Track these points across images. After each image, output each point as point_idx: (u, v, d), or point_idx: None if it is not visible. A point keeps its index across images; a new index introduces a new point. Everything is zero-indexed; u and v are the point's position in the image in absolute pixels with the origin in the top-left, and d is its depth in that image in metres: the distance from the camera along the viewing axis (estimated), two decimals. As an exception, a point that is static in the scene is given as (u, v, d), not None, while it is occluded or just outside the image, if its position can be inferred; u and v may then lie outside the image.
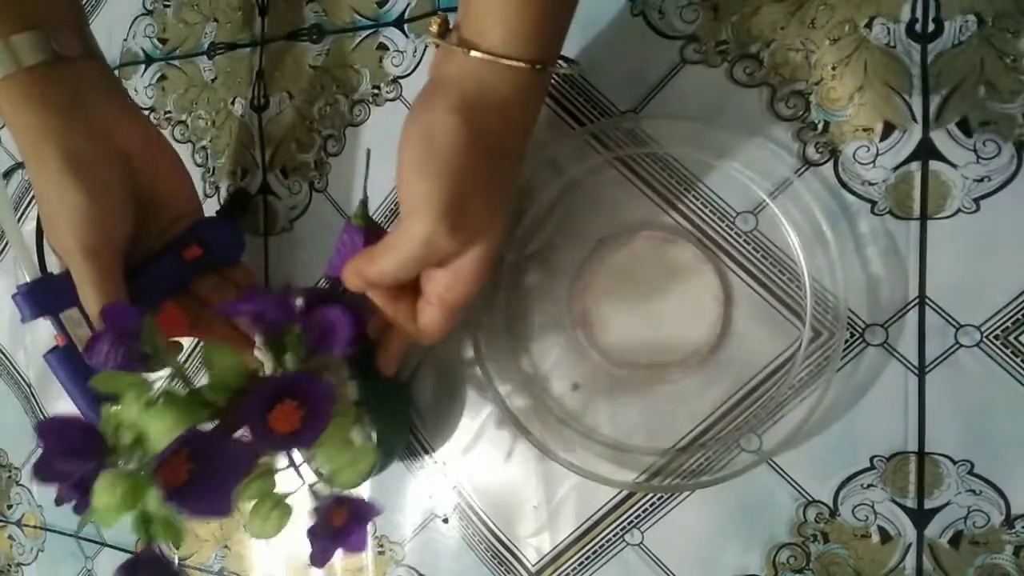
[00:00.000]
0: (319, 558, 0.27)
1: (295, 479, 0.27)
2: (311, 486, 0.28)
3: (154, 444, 0.24)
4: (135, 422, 0.25)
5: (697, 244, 0.32)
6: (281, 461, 0.27)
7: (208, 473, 0.23)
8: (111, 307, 0.27)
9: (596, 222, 0.34)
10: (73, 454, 0.24)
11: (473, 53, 0.25)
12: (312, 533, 0.27)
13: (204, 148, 0.44)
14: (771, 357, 0.31)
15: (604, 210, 0.34)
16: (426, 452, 0.38)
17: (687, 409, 0.32)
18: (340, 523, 0.27)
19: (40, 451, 0.25)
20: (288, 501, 0.27)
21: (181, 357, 0.34)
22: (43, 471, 0.25)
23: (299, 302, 0.30)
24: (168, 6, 0.44)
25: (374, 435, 0.31)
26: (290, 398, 0.25)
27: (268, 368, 0.28)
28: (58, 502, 0.27)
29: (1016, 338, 0.28)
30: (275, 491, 0.27)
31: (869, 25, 0.29)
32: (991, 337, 0.29)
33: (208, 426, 0.25)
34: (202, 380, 0.27)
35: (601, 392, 0.34)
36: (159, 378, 0.27)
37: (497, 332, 0.35)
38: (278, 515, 0.27)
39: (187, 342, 0.44)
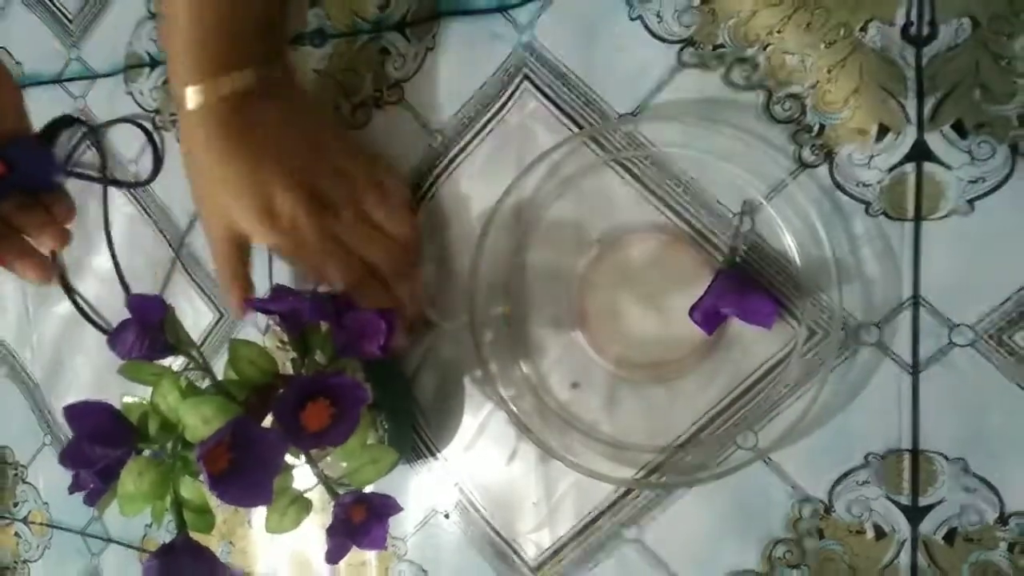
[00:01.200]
0: (334, 555, 0.27)
1: (311, 476, 0.27)
2: (328, 482, 0.28)
3: (193, 432, 0.24)
4: (172, 410, 0.25)
5: (694, 245, 0.32)
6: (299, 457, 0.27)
7: (248, 462, 0.23)
8: (136, 298, 0.27)
9: (595, 223, 0.34)
10: (102, 439, 0.25)
11: None
12: (331, 529, 0.27)
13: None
14: (767, 356, 0.32)
15: (603, 212, 0.34)
16: (428, 449, 0.38)
17: (684, 407, 0.33)
18: (359, 520, 0.27)
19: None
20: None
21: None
22: (71, 456, 0.25)
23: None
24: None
25: (385, 438, 0.32)
26: (323, 397, 0.25)
27: (289, 366, 0.29)
28: (72, 490, 0.28)
29: (1009, 337, 0.29)
30: (293, 486, 0.27)
31: (864, 28, 0.30)
32: (985, 336, 0.29)
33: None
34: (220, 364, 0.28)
35: (600, 391, 0.34)
36: (183, 366, 0.27)
37: (498, 331, 0.36)
38: (296, 510, 0.27)
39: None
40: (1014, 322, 0.28)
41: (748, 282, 0.31)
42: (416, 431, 0.38)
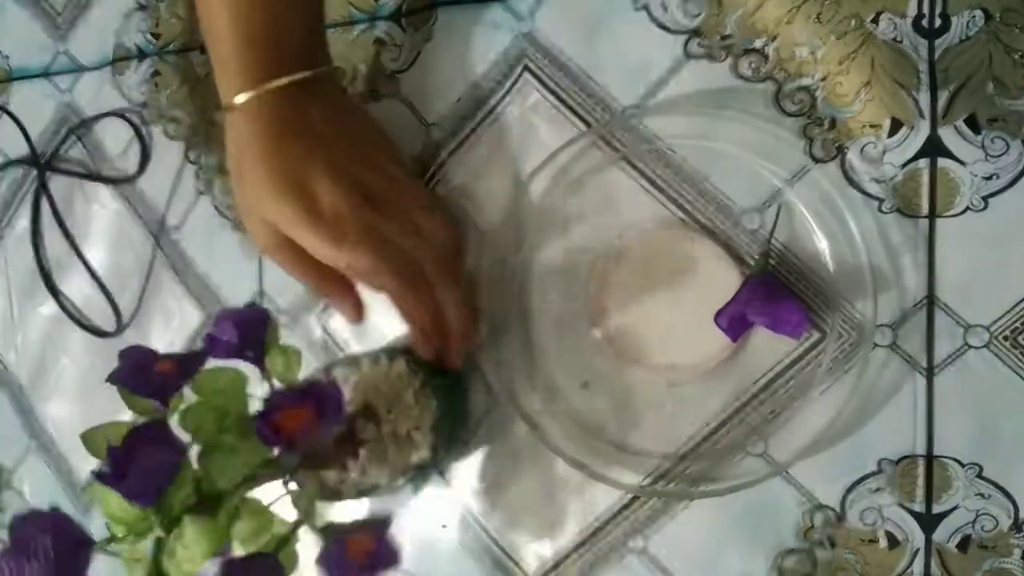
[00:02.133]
0: None
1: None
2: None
3: (181, 562, 0.24)
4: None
5: (714, 243, 0.31)
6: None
7: None
8: (247, 312, 0.27)
9: (610, 221, 0.33)
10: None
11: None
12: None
13: (197, 144, 0.43)
14: (785, 363, 0.31)
15: (616, 210, 0.33)
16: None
17: (695, 412, 0.32)
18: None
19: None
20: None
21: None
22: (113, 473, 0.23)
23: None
24: (161, 1, 0.44)
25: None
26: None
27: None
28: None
29: (1025, 339, 0.28)
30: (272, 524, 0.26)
31: (875, 20, 0.29)
32: (1000, 338, 0.28)
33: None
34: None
35: (611, 392, 0.33)
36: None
37: (509, 330, 0.34)
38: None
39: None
40: (1030, 323, 0.28)
41: (778, 290, 0.30)
42: None
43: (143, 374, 0.25)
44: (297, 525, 0.26)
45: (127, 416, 0.46)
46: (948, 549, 0.29)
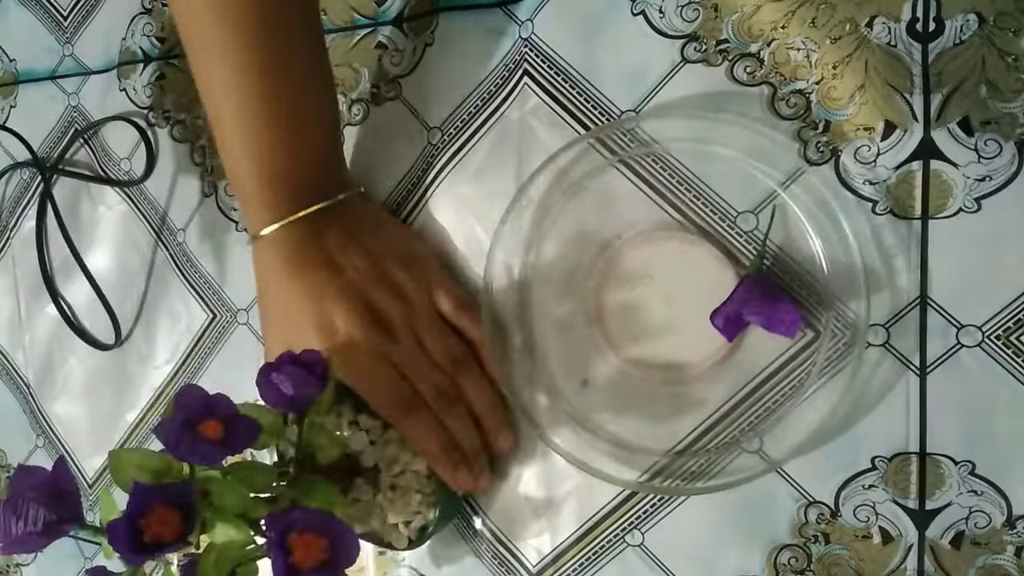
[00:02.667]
0: None
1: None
2: None
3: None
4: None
5: (711, 244, 0.32)
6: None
7: None
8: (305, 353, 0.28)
9: (609, 222, 0.33)
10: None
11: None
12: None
13: (203, 147, 0.44)
14: (779, 362, 0.31)
15: (615, 211, 0.33)
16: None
17: (692, 410, 0.32)
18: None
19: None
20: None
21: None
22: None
23: None
24: (167, 5, 0.44)
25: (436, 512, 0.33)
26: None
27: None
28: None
29: (1018, 338, 0.28)
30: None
31: (870, 24, 0.29)
32: (992, 337, 0.28)
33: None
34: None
35: (610, 390, 0.34)
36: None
37: (510, 326, 0.35)
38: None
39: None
40: (1022, 323, 0.28)
41: (774, 290, 0.30)
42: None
43: (188, 435, 0.24)
44: (264, 555, 0.25)
45: (133, 414, 0.47)
46: (941, 545, 0.29)
